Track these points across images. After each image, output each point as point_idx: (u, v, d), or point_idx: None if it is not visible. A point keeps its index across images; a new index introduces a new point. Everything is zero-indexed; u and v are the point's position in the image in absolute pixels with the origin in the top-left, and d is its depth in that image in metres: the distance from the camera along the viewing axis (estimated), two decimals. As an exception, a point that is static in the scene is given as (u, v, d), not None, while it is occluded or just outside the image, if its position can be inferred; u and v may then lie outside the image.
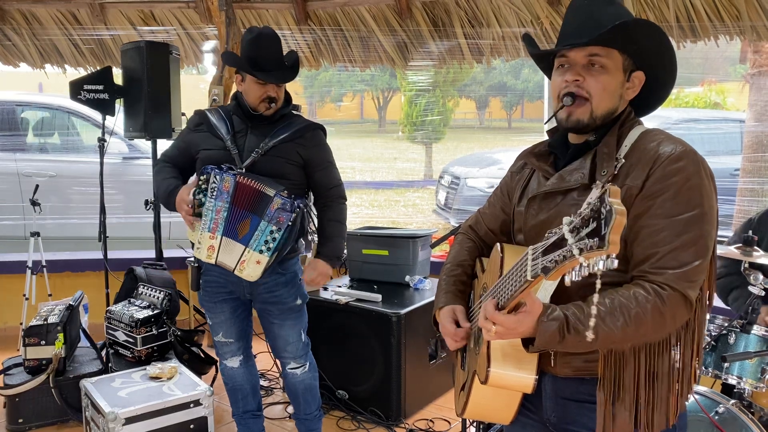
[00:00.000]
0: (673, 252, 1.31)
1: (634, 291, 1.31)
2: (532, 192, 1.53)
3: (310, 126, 2.75)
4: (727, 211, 6.26)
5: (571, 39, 1.44)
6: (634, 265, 1.35)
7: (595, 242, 1.00)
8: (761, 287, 2.41)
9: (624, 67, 1.45)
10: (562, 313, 1.30)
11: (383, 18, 4.58)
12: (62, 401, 3.30)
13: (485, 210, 1.77)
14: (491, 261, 1.54)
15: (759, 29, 3.93)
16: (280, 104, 2.67)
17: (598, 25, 1.40)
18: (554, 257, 1.08)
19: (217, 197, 2.57)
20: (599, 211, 1.01)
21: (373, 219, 10.60)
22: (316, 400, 2.95)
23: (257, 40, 2.59)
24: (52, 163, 5.95)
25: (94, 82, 3.80)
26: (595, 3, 1.46)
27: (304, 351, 2.85)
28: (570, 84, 1.44)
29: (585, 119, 1.44)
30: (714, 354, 2.50)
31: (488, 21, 4.43)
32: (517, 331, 1.30)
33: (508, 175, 1.71)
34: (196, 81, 8.22)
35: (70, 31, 4.76)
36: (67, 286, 4.44)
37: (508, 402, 1.54)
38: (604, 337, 1.29)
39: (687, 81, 14.06)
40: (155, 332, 3.44)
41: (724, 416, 2.39)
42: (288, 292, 2.74)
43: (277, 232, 2.52)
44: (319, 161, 2.74)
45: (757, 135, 6.19)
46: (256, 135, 2.66)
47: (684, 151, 1.36)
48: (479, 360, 1.47)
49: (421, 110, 14.91)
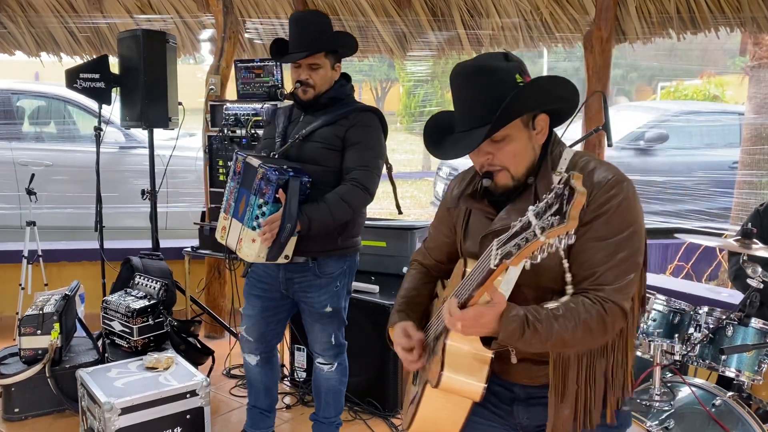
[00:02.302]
0: (609, 270, 1.45)
1: (582, 299, 1.44)
2: (481, 231, 1.60)
3: (358, 108, 2.59)
4: (726, 203, 6.26)
5: (460, 149, 1.51)
6: (576, 283, 1.46)
7: (557, 219, 1.11)
8: (760, 280, 2.41)
9: (525, 121, 1.51)
10: (522, 311, 1.40)
11: (382, 7, 4.54)
12: (58, 391, 3.29)
13: (430, 244, 1.86)
14: (453, 275, 1.62)
15: (759, 21, 3.91)
16: (319, 89, 2.55)
17: (485, 114, 1.45)
18: (517, 241, 1.19)
19: (232, 178, 2.57)
20: (562, 194, 1.12)
21: (370, 210, 10.56)
22: (338, 407, 2.88)
23: (291, 22, 2.54)
24: (48, 153, 5.91)
25: (90, 71, 3.76)
26: (475, 85, 1.48)
27: (335, 353, 2.77)
28: (484, 165, 1.53)
29: (510, 183, 1.54)
30: (711, 346, 2.51)
31: (487, 11, 4.40)
32: (479, 322, 1.39)
33: (444, 211, 1.78)
34: (193, 70, 8.18)
35: (66, 19, 4.71)
36: (63, 275, 4.43)
37: (455, 417, 1.61)
38: (556, 337, 1.40)
39: (686, 73, 14.04)
40: (151, 322, 3.43)
41: (721, 409, 2.40)
42: (318, 297, 2.64)
43: (264, 206, 2.40)
44: (354, 141, 2.53)
45: (756, 128, 6.18)
46: (305, 122, 2.59)
47: (615, 179, 1.47)
48: (432, 367, 1.55)
49: (420, 101, 14.85)
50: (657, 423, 2.22)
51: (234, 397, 3.63)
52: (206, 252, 3.91)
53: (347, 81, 2.67)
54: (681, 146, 7.65)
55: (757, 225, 2.59)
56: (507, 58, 1.49)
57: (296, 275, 2.64)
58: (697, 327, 2.54)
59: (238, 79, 3.85)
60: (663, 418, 2.26)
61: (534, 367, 1.57)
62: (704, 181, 6.62)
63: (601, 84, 3.90)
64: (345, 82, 2.65)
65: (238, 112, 3.63)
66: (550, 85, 1.51)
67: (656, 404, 2.35)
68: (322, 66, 2.54)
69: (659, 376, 2.40)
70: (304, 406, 3.52)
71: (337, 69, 2.61)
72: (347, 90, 2.64)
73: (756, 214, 2.89)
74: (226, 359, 3.96)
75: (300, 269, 2.63)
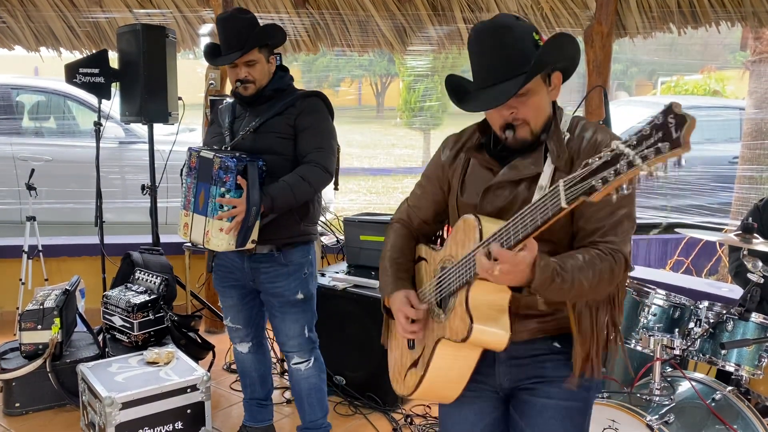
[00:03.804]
0: (614, 224, 1.53)
1: (596, 252, 1.51)
2: (483, 182, 1.64)
3: (303, 94, 2.64)
4: (726, 198, 6.25)
5: (491, 101, 1.53)
6: (584, 237, 1.55)
7: (666, 146, 1.10)
8: (760, 274, 2.41)
9: (543, 77, 1.58)
10: (552, 261, 1.45)
11: (382, 2, 4.53)
12: (59, 386, 3.30)
13: (415, 203, 1.86)
14: (460, 231, 1.59)
15: (760, 15, 3.91)
16: (260, 83, 2.59)
17: (512, 68, 1.51)
18: (604, 175, 1.18)
19: (188, 174, 2.58)
20: (665, 122, 1.11)
21: (371, 206, 10.58)
22: (323, 406, 2.84)
23: (218, 24, 2.57)
24: (48, 147, 5.90)
25: (89, 66, 3.75)
26: (497, 41, 1.53)
27: (309, 347, 2.76)
28: (507, 118, 1.57)
29: (528, 137, 1.59)
30: (712, 341, 2.51)
31: (488, 5, 4.39)
32: (519, 268, 1.39)
33: (437, 167, 1.79)
34: (193, 65, 8.17)
35: (65, 14, 4.70)
36: (63, 270, 4.43)
37: (463, 373, 1.63)
38: (578, 286, 1.46)
39: (686, 68, 14.02)
40: (152, 317, 3.43)
41: (721, 403, 2.40)
42: (288, 285, 2.65)
43: (227, 194, 2.42)
44: (305, 126, 2.58)
45: (756, 122, 6.17)
46: (252, 116, 2.62)
47: (614, 138, 1.53)
48: (452, 323, 1.55)
49: (420, 96, 14.85)
50: (657, 417, 2.22)
51: (234, 392, 3.64)
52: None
53: (285, 72, 2.70)
54: (681, 141, 7.63)
55: (756, 220, 2.60)
56: (518, 19, 1.56)
57: (262, 265, 2.64)
58: (697, 322, 2.54)
59: (237, 73, 3.84)
60: (663, 413, 2.26)
61: (518, 321, 1.59)
62: (705, 176, 6.62)
63: (602, 79, 3.90)
64: (284, 73, 2.67)
65: (238, 106, 3.62)
66: (567, 42, 1.57)
67: (656, 398, 2.35)
68: (258, 61, 2.57)
69: (659, 371, 2.40)
70: (304, 400, 3.52)
71: (272, 61, 2.64)
72: (288, 80, 2.67)
73: (755, 210, 2.89)
74: (226, 354, 3.96)
75: (266, 259, 2.64)
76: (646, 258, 6.24)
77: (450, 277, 1.59)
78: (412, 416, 3.31)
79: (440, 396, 1.72)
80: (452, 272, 1.57)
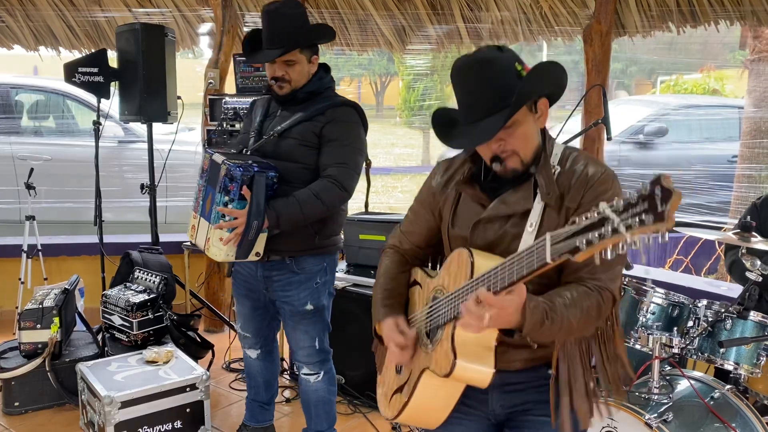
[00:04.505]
0: (603, 261, 1.46)
1: (582, 289, 1.50)
2: (473, 216, 1.64)
3: (336, 103, 2.48)
4: (725, 197, 6.25)
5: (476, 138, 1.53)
6: (572, 272, 1.54)
7: (650, 218, 1.10)
8: (759, 273, 2.41)
9: (529, 106, 1.56)
10: (540, 302, 1.44)
11: (381, 1, 4.53)
12: (58, 385, 3.30)
13: (408, 228, 1.85)
14: (454, 263, 1.60)
15: (759, 14, 3.91)
16: (296, 84, 2.46)
17: (495, 103, 1.49)
18: (589, 237, 1.18)
19: (200, 176, 2.53)
20: (652, 193, 1.10)
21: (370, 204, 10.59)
22: (330, 418, 2.78)
23: (263, 15, 2.43)
24: (47, 147, 5.90)
25: (88, 65, 3.75)
26: (479, 77, 1.52)
27: (319, 359, 2.67)
28: (495, 151, 1.56)
29: (519, 167, 1.58)
30: (710, 339, 2.51)
31: (487, 5, 4.39)
32: (507, 311, 1.39)
33: (429, 194, 1.78)
34: (192, 64, 8.16)
35: (64, 13, 4.70)
36: (62, 270, 4.43)
37: (447, 403, 1.64)
38: (567, 326, 1.46)
39: (686, 67, 14.00)
40: (151, 316, 3.43)
41: (720, 401, 2.40)
42: (298, 294, 2.56)
43: (230, 203, 2.31)
44: (331, 137, 2.43)
45: (755, 121, 6.17)
46: (282, 117, 2.51)
47: (606, 173, 1.56)
48: (437, 356, 1.56)
49: (419, 95, 14.83)
50: (656, 416, 2.23)
51: (234, 391, 3.64)
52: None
53: (326, 72, 2.56)
54: (680, 140, 7.63)
55: (755, 219, 2.60)
56: (500, 49, 1.55)
57: (274, 273, 2.56)
58: (696, 320, 2.54)
59: (237, 73, 3.85)
60: (661, 411, 2.27)
61: (511, 350, 1.59)
62: (703, 174, 6.61)
63: (601, 77, 3.90)
64: (324, 74, 2.54)
65: (237, 106, 3.63)
66: (551, 70, 1.57)
67: (655, 397, 2.35)
68: (298, 62, 2.44)
69: (658, 369, 2.41)
70: (303, 399, 3.52)
71: (314, 62, 2.51)
72: (326, 83, 2.54)
73: (753, 208, 2.89)
74: (225, 353, 3.96)
75: (278, 267, 2.55)
76: (645, 256, 6.24)
77: (440, 309, 1.59)
78: (411, 415, 3.32)
79: (424, 422, 1.73)
80: (442, 304, 1.58)
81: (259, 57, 2.48)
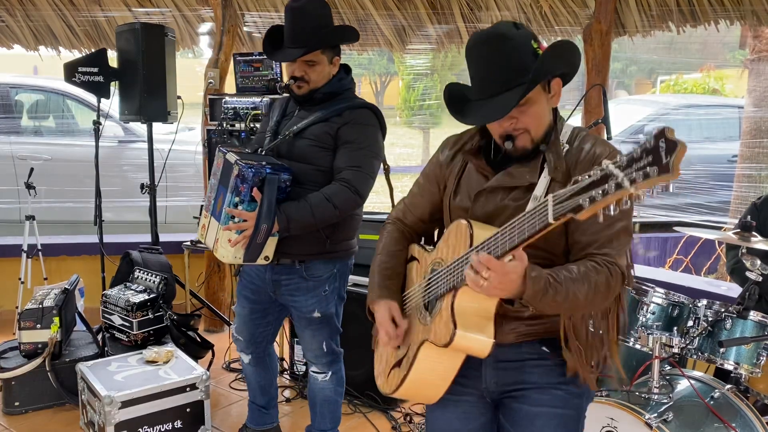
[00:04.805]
0: (611, 237, 1.52)
1: (591, 264, 1.49)
2: (476, 187, 1.64)
3: (354, 104, 2.43)
4: (725, 197, 6.25)
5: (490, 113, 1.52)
6: (580, 249, 1.54)
7: (654, 170, 1.08)
8: (759, 272, 2.41)
9: (542, 85, 1.56)
10: (544, 272, 1.43)
11: (381, 0, 4.53)
12: (58, 385, 3.30)
13: (412, 200, 1.84)
14: (452, 235, 1.58)
15: (759, 14, 3.90)
16: (315, 84, 2.42)
17: (510, 79, 1.49)
18: (592, 194, 1.17)
19: (213, 175, 2.50)
20: (656, 146, 1.09)
21: (370, 204, 10.57)
22: (335, 418, 2.77)
23: (287, 11, 2.37)
24: (47, 147, 5.90)
25: (88, 65, 3.75)
26: (495, 52, 1.52)
27: (327, 360, 2.66)
28: (507, 129, 1.56)
29: (529, 146, 1.58)
30: (710, 339, 2.51)
31: (487, 4, 4.39)
32: (509, 278, 1.37)
33: (435, 166, 1.78)
34: (192, 64, 8.16)
35: (64, 13, 4.70)
36: (62, 269, 4.43)
37: (446, 376, 1.63)
38: (572, 299, 1.45)
39: (685, 67, 14.01)
40: (151, 316, 3.43)
41: (720, 401, 2.40)
42: (305, 301, 2.52)
43: (240, 205, 2.27)
44: (347, 139, 2.37)
45: (755, 121, 6.17)
46: (299, 117, 2.47)
47: (612, 152, 1.54)
48: (436, 327, 1.55)
49: (419, 95, 14.83)
50: (656, 415, 2.23)
51: (234, 391, 3.64)
52: (206, 246, 3.89)
53: (347, 73, 2.52)
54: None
55: (755, 219, 2.60)
56: (516, 26, 1.54)
57: (283, 277, 2.53)
58: (696, 320, 2.54)
59: (237, 72, 3.85)
60: (662, 411, 2.27)
61: (504, 323, 1.58)
62: (703, 174, 6.61)
63: (601, 77, 3.90)
64: (344, 75, 2.50)
65: (237, 105, 3.62)
66: (567, 49, 1.56)
67: (655, 397, 2.35)
68: (319, 62, 2.40)
69: (658, 369, 2.41)
70: (303, 399, 3.52)
71: (335, 63, 2.46)
72: (346, 84, 2.50)
73: (753, 208, 2.90)
74: (225, 353, 3.96)
75: (287, 271, 2.52)
76: (645, 256, 6.24)
77: (438, 281, 1.59)
78: (411, 415, 3.32)
79: (422, 396, 1.73)
80: (441, 276, 1.58)
81: (279, 55, 2.45)
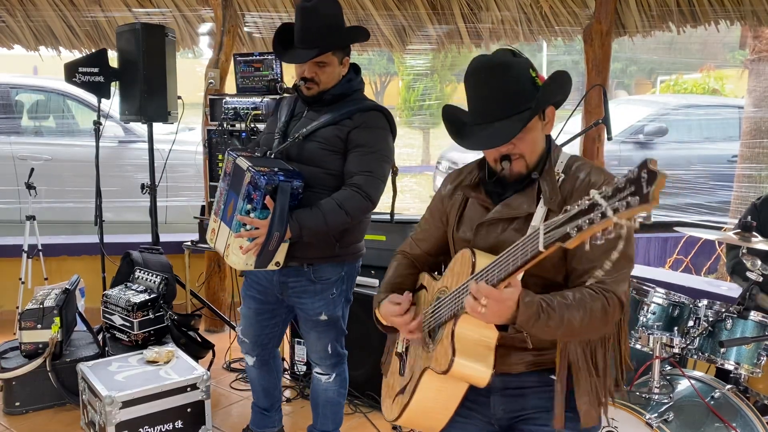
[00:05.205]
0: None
1: (586, 291, 1.51)
2: (477, 219, 1.68)
3: (364, 107, 2.40)
4: (725, 197, 6.25)
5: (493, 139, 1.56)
6: (578, 276, 1.56)
7: (636, 200, 1.11)
8: (759, 273, 2.41)
9: (539, 114, 1.61)
10: (537, 298, 1.46)
11: (381, 1, 4.53)
12: (59, 385, 3.30)
13: (418, 236, 1.90)
14: (457, 264, 1.62)
15: (759, 14, 3.90)
16: (324, 86, 2.39)
17: (509, 108, 1.53)
18: (579, 223, 1.20)
19: (223, 179, 2.47)
20: (638, 177, 1.12)
21: (370, 204, 10.58)
22: (337, 420, 2.77)
23: (297, 11, 2.34)
24: (48, 147, 5.90)
25: (89, 65, 3.75)
26: (496, 79, 1.55)
27: (332, 362, 2.65)
28: (503, 152, 1.59)
29: (524, 171, 1.62)
30: (711, 339, 2.51)
31: (487, 5, 4.39)
32: (505, 304, 1.41)
33: (439, 201, 1.83)
34: (192, 64, 8.16)
35: (64, 13, 4.70)
36: (63, 270, 4.43)
37: (448, 405, 1.64)
38: (567, 325, 1.46)
39: (685, 67, 14.01)
40: (152, 316, 3.44)
41: (720, 401, 2.41)
42: (312, 303, 2.51)
43: (252, 212, 2.25)
44: (358, 143, 2.34)
45: (755, 121, 6.17)
46: (309, 118, 2.43)
47: (607, 180, 1.56)
48: (437, 354, 1.58)
49: (419, 95, 14.82)
50: (656, 415, 2.23)
51: (234, 391, 3.64)
52: (206, 246, 3.90)
53: (356, 74, 2.48)
54: (680, 140, 7.64)
55: (755, 219, 2.60)
56: (514, 54, 1.59)
57: (290, 279, 2.51)
58: (696, 320, 2.54)
59: (237, 72, 3.84)
60: (662, 411, 2.27)
61: (513, 353, 1.61)
62: (703, 174, 6.62)
63: (601, 77, 3.90)
64: (353, 76, 2.46)
65: (238, 105, 3.63)
66: (566, 80, 1.61)
67: (655, 397, 2.36)
68: (329, 64, 2.37)
69: (658, 369, 2.41)
70: (304, 399, 3.52)
71: (345, 63, 2.43)
72: (355, 85, 2.46)
73: (753, 208, 2.90)
74: (226, 353, 3.96)
75: (294, 273, 2.50)
76: (645, 256, 6.24)
77: (442, 308, 1.61)
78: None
79: (424, 426, 1.74)
80: (445, 303, 1.60)
81: (289, 57, 2.41)
